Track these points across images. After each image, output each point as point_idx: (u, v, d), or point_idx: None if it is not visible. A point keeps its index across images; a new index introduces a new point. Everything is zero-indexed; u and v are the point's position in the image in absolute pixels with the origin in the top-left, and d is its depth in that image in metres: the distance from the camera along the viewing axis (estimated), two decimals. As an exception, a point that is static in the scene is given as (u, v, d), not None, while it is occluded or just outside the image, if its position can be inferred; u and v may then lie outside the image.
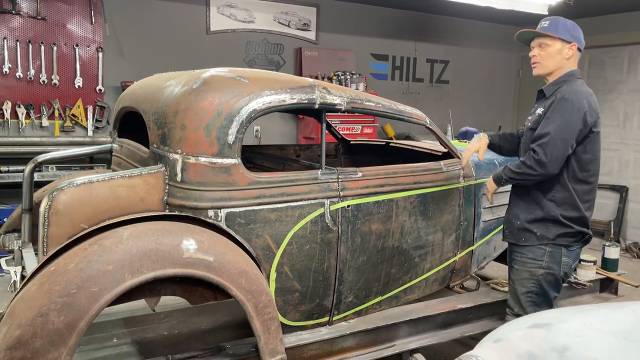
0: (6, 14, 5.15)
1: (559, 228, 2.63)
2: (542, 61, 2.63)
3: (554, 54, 2.60)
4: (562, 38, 2.59)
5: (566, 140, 2.50)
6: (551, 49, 2.59)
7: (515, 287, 2.74)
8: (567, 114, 2.51)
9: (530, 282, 2.67)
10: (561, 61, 2.63)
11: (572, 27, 2.63)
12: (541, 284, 2.66)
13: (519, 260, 2.73)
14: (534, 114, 2.71)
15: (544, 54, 2.62)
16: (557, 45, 2.59)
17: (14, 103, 5.22)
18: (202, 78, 2.50)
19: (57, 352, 1.91)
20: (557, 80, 2.66)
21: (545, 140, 2.50)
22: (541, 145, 2.51)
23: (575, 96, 2.55)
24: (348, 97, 2.82)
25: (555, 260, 2.63)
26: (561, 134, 2.49)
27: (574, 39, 2.62)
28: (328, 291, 2.81)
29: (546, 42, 2.60)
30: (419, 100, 7.75)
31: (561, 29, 2.59)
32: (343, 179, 2.77)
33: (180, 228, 2.29)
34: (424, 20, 7.66)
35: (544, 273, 2.64)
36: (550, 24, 2.60)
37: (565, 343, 1.59)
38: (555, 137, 2.48)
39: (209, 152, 2.39)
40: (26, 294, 2.04)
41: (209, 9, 6.21)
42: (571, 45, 2.62)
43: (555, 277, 2.67)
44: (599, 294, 3.94)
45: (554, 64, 2.63)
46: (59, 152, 3.36)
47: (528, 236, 2.71)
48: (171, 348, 3.08)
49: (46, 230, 2.26)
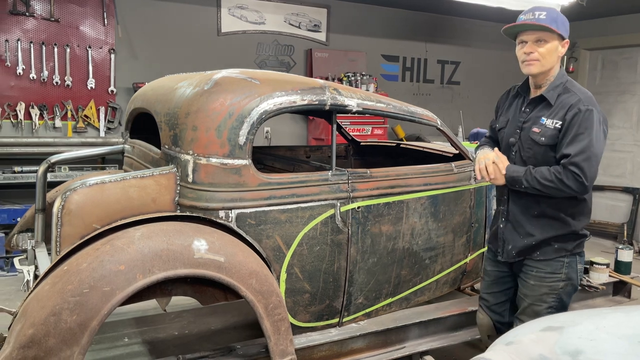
0: (20, 15, 5.21)
1: (577, 239, 2.47)
2: (542, 59, 2.31)
3: (553, 51, 2.31)
4: (561, 34, 2.31)
5: (599, 157, 2.29)
6: (550, 45, 2.29)
7: (532, 304, 2.49)
8: (595, 128, 2.27)
9: (551, 297, 2.45)
10: (555, 60, 2.35)
11: (566, 21, 2.35)
12: (561, 297, 2.47)
13: (534, 276, 2.48)
14: (543, 125, 2.36)
15: (543, 51, 2.30)
16: (555, 42, 2.31)
17: (28, 104, 5.28)
18: (214, 79, 2.51)
19: (69, 351, 1.93)
20: (556, 84, 2.38)
21: (585, 161, 2.23)
22: (581, 167, 2.23)
23: (593, 105, 2.31)
24: (359, 99, 2.82)
25: (573, 270, 2.46)
26: (596, 150, 2.25)
27: (567, 36, 2.37)
28: (338, 292, 2.80)
29: (545, 38, 2.29)
30: (429, 101, 7.72)
31: (560, 23, 2.30)
32: (353, 180, 2.77)
33: (192, 228, 2.30)
34: (435, 21, 7.64)
35: (564, 285, 2.46)
36: (548, 15, 2.27)
37: (578, 346, 1.57)
38: (593, 156, 2.24)
39: (220, 153, 2.40)
40: (39, 293, 2.06)
41: (220, 10, 6.23)
42: (565, 42, 2.35)
43: (574, 287, 2.50)
44: (611, 297, 3.90)
45: (551, 63, 2.34)
46: (72, 153, 3.39)
47: (544, 250, 2.47)
48: (182, 348, 3.10)
49: (59, 230, 2.29)
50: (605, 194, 7.54)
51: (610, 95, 7.56)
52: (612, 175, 7.53)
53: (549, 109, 2.38)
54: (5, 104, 5.20)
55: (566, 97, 2.35)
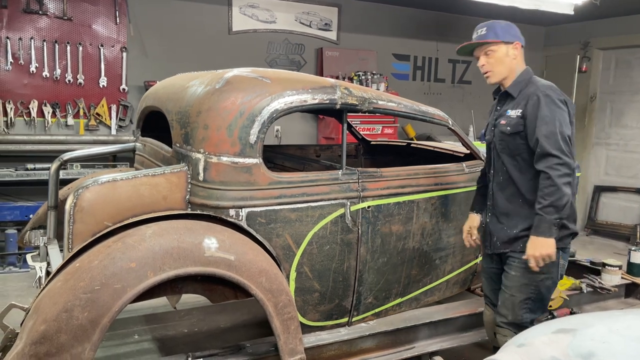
0: (33, 14, 5.25)
1: (558, 232, 2.46)
2: (493, 68, 2.56)
3: (502, 57, 2.54)
4: (504, 40, 2.53)
5: (567, 131, 2.40)
6: (497, 53, 2.53)
7: (512, 294, 2.57)
8: (556, 108, 2.41)
9: (529, 289, 2.53)
10: (511, 63, 2.55)
11: (509, 26, 2.57)
12: (540, 290, 2.55)
13: (515, 267, 2.55)
14: (508, 117, 2.54)
15: (492, 61, 2.55)
16: (502, 49, 2.53)
17: (41, 102, 5.32)
18: (225, 78, 2.51)
19: (80, 347, 1.94)
20: (519, 80, 2.57)
21: (555, 143, 2.35)
22: (554, 153, 2.34)
23: (552, 91, 2.47)
24: (370, 98, 2.81)
25: (554, 265, 2.50)
26: (562, 128, 2.39)
27: (515, 38, 2.55)
28: (348, 292, 2.80)
29: (491, 49, 2.53)
30: (440, 100, 7.69)
31: (500, 32, 2.52)
32: (364, 179, 2.76)
33: (202, 227, 2.31)
34: (446, 20, 7.60)
35: (544, 278, 2.52)
36: (488, 29, 2.54)
37: (591, 349, 1.56)
38: (560, 134, 2.37)
39: (231, 152, 2.41)
40: (51, 289, 2.08)
41: (231, 9, 6.24)
42: (514, 44, 2.54)
43: (553, 281, 2.57)
44: (624, 299, 3.87)
45: (506, 68, 2.56)
46: (84, 151, 3.41)
47: (527, 242, 2.48)
48: (191, 346, 3.11)
49: (71, 228, 2.30)
50: (618, 195, 7.46)
51: (623, 95, 7.48)
52: (625, 176, 7.44)
53: (513, 101, 2.58)
54: (19, 101, 5.25)
55: (527, 89, 2.54)
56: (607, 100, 7.68)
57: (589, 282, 3.80)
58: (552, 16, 6.25)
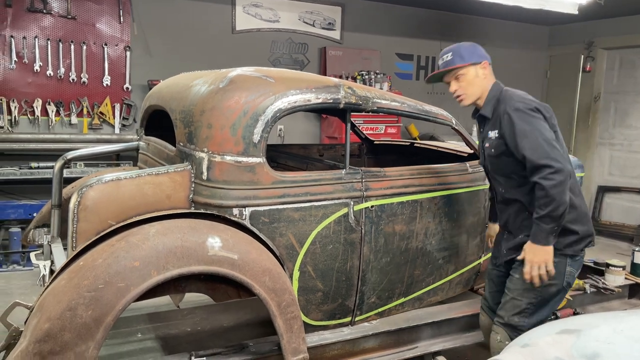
0: (38, 13, 5.27)
1: (564, 236, 2.46)
2: (466, 91, 2.57)
3: (473, 79, 2.55)
4: (472, 62, 2.54)
5: (550, 139, 2.37)
6: (467, 76, 2.54)
7: (514, 297, 2.54)
8: (530, 118, 2.39)
9: (532, 294, 2.49)
10: (482, 83, 2.57)
11: (473, 47, 2.58)
12: (543, 296, 2.50)
13: (520, 270, 2.50)
14: (490, 139, 2.55)
15: (464, 84, 2.57)
16: (471, 71, 2.54)
17: (45, 100, 5.34)
18: (229, 77, 2.51)
19: (84, 346, 1.95)
20: (489, 98, 2.57)
21: (543, 154, 2.32)
22: (543, 163, 2.31)
23: (521, 102, 2.44)
24: (373, 97, 2.81)
25: (559, 272, 2.45)
26: (544, 136, 2.35)
27: (482, 57, 2.57)
28: (351, 291, 2.80)
29: (460, 73, 2.55)
30: (443, 100, 7.64)
31: (466, 55, 2.54)
32: (367, 179, 2.76)
33: (206, 226, 2.31)
34: (450, 20, 7.58)
35: (548, 284, 2.47)
36: (454, 54, 2.55)
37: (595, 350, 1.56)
38: (544, 143, 2.34)
39: (235, 151, 2.41)
40: (55, 288, 2.08)
41: (234, 8, 6.25)
42: (482, 64, 2.56)
43: (558, 289, 2.52)
44: (627, 299, 3.85)
45: (478, 89, 2.57)
46: (88, 149, 3.42)
47: None
48: (194, 344, 3.11)
49: (75, 226, 2.31)
50: (622, 196, 7.44)
51: (627, 95, 7.45)
52: (629, 177, 7.42)
53: (490, 122, 2.58)
54: (23, 100, 5.26)
55: (499, 107, 2.52)
56: (611, 100, 7.65)
57: (593, 282, 3.79)
58: (557, 16, 6.23)
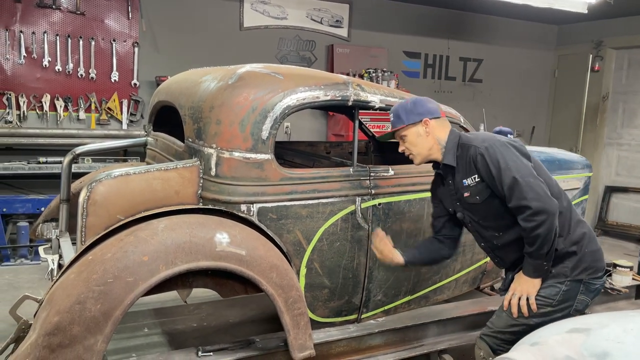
0: (47, 8, 5.29)
1: (572, 259, 2.36)
2: (412, 151, 2.51)
3: (415, 139, 2.49)
4: (411, 123, 2.47)
5: (532, 175, 2.29)
6: (410, 137, 2.49)
7: (509, 314, 2.42)
8: (503, 152, 2.32)
9: (533, 318, 2.36)
10: (427, 139, 2.48)
11: (413, 105, 2.50)
12: (544, 322, 2.30)
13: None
14: (469, 187, 2.42)
15: (408, 145, 2.52)
16: (412, 131, 2.48)
17: (53, 96, 5.36)
18: (238, 74, 2.52)
19: (93, 339, 1.96)
20: (448, 148, 2.48)
21: (518, 189, 2.25)
22: (520, 196, 2.24)
23: (488, 142, 2.37)
24: (382, 95, 2.81)
25: (568, 297, 2.35)
26: (522, 172, 2.27)
27: (420, 116, 2.47)
28: (357, 289, 2.80)
29: (402, 134, 2.51)
30: (451, 99, 7.65)
31: (404, 116, 2.48)
32: (374, 176, 2.76)
33: (214, 221, 2.32)
34: (458, 18, 7.56)
35: (550, 311, 2.36)
36: (394, 117, 2.52)
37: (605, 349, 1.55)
38: (523, 180, 2.25)
39: (243, 147, 2.42)
40: (65, 281, 2.09)
41: (242, 5, 6.25)
42: (422, 122, 2.47)
43: (563, 315, 2.36)
44: (634, 300, 3.84)
45: (424, 147, 2.49)
46: (97, 145, 3.44)
47: None
48: (201, 340, 3.12)
49: (84, 220, 2.32)
50: (629, 196, 7.40)
51: (636, 95, 7.41)
52: (637, 177, 7.38)
53: (458, 170, 2.47)
54: (31, 95, 5.29)
55: (464, 153, 2.43)
56: (619, 100, 7.61)
57: (600, 282, 3.78)
58: (566, 15, 6.20)
